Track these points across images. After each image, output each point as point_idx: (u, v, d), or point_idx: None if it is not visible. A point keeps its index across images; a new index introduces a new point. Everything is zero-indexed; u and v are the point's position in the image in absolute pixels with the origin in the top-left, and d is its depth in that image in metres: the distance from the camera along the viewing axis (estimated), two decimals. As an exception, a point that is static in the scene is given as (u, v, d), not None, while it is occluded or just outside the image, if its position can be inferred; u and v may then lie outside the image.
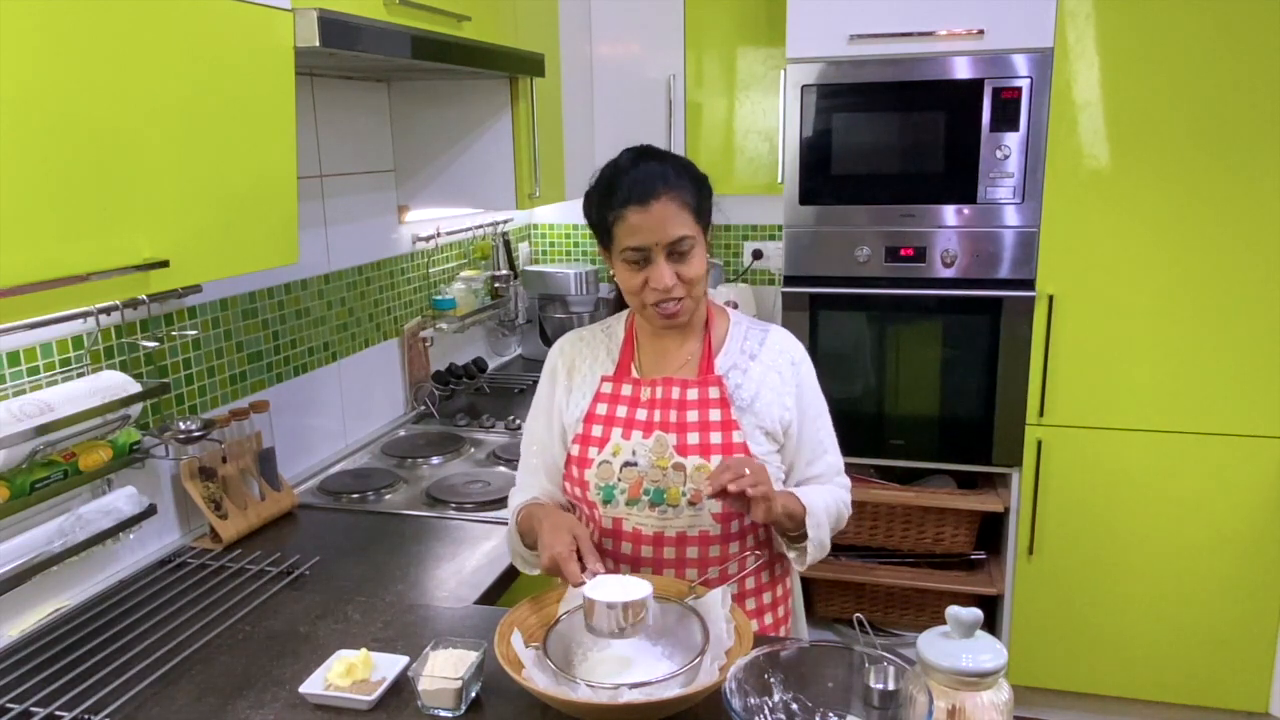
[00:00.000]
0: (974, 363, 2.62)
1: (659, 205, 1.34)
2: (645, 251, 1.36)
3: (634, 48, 2.94)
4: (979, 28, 2.45)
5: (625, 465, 1.41)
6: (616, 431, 1.43)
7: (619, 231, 1.37)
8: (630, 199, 1.35)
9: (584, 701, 1.13)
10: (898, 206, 2.60)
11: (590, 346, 1.53)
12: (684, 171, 1.39)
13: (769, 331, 1.52)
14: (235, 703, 1.27)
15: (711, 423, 1.41)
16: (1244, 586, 2.56)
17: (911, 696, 1.02)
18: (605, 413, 1.46)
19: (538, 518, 1.40)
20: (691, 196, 1.37)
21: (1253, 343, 2.45)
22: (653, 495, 1.40)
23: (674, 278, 1.36)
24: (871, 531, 2.85)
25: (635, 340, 1.51)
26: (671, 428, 1.41)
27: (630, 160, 1.39)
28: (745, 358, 1.48)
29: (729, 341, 1.49)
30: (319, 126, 2.20)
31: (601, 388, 1.48)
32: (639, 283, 1.38)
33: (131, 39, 1.22)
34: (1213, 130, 2.37)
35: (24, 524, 1.47)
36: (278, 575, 1.66)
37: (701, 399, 1.43)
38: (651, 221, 1.34)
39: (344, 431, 2.36)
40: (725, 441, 1.40)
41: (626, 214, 1.35)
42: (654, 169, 1.37)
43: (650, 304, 1.39)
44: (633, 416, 1.44)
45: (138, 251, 1.26)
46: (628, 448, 1.42)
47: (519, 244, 3.38)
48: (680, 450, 1.40)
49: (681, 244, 1.36)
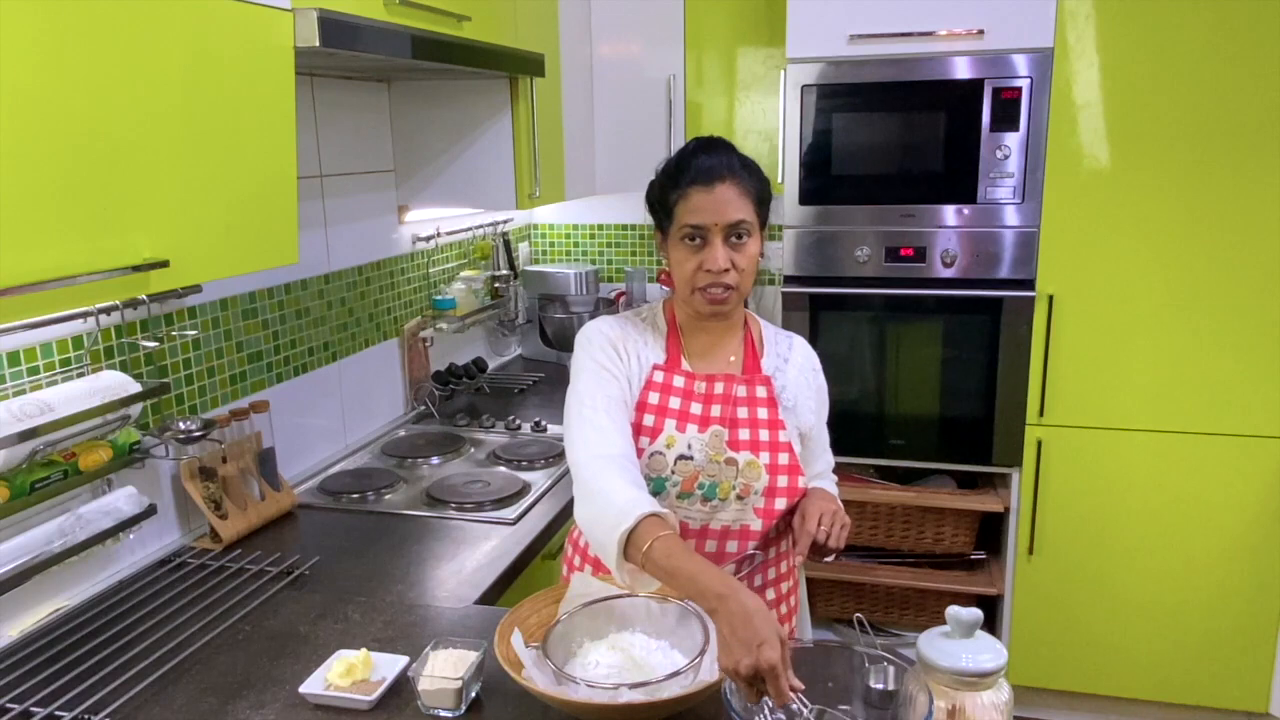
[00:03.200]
0: (974, 363, 2.62)
1: (722, 188, 1.37)
2: (703, 230, 1.38)
3: (634, 48, 2.94)
4: (979, 28, 2.45)
5: (680, 458, 1.42)
6: (670, 423, 1.43)
7: (680, 210, 1.39)
8: (696, 179, 1.39)
9: (584, 701, 1.13)
10: (898, 206, 2.60)
11: (638, 331, 1.50)
12: (750, 165, 1.43)
13: (793, 338, 1.58)
14: (235, 703, 1.27)
15: (760, 420, 1.45)
16: (1244, 586, 2.56)
17: (911, 696, 1.02)
18: (657, 402, 1.45)
19: (717, 579, 1.14)
20: (754, 188, 1.41)
21: (1253, 343, 2.45)
22: (706, 489, 1.42)
23: (728, 260, 1.38)
24: (871, 531, 2.85)
25: (679, 331, 1.50)
26: (724, 423, 1.44)
27: (700, 146, 1.43)
28: (782, 360, 1.52)
29: (767, 344, 1.53)
30: (319, 126, 2.20)
31: (654, 376, 1.46)
32: (694, 265, 1.40)
33: (131, 39, 1.22)
34: (1213, 130, 2.37)
35: (24, 524, 1.47)
36: (278, 575, 1.66)
37: (751, 396, 1.46)
38: (713, 202, 1.37)
39: (344, 431, 2.36)
40: (773, 439, 1.45)
41: (690, 193, 1.38)
42: (722, 158, 1.41)
43: (700, 287, 1.40)
44: (687, 409, 1.44)
45: (138, 251, 1.26)
46: (683, 441, 1.42)
47: (519, 244, 3.38)
48: (732, 445, 1.43)
49: (739, 227, 1.38)
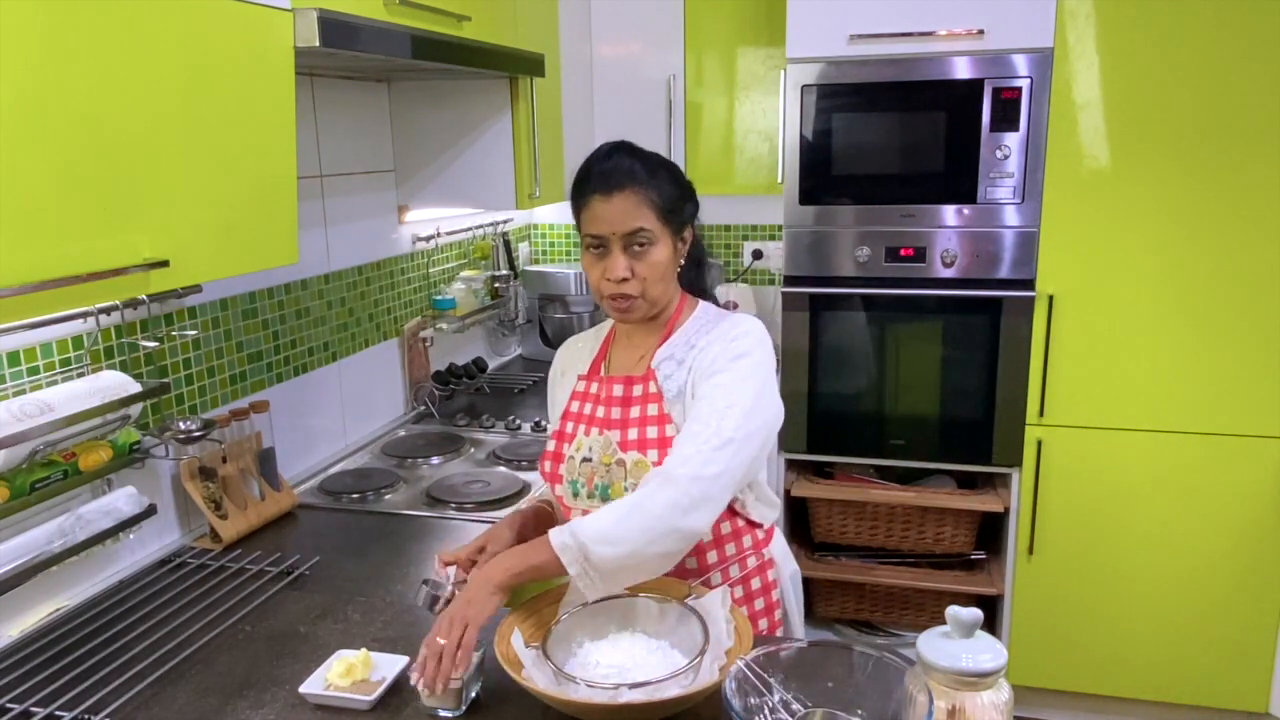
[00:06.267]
0: (974, 363, 2.62)
1: (621, 197, 1.36)
2: (603, 240, 1.38)
3: (634, 48, 2.94)
4: (979, 28, 2.45)
5: (583, 461, 1.45)
6: (580, 428, 1.47)
7: (584, 218, 1.40)
8: (596, 188, 1.38)
9: (584, 701, 1.13)
10: (898, 206, 2.60)
11: (580, 346, 1.58)
12: (658, 171, 1.40)
13: (726, 318, 1.45)
14: (235, 703, 1.27)
15: (650, 417, 1.42)
16: (1244, 586, 2.56)
17: (911, 696, 1.02)
18: (576, 410, 1.50)
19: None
20: (660, 196, 1.38)
21: (1253, 343, 2.45)
22: (600, 490, 1.43)
23: (627, 270, 1.37)
24: (871, 531, 2.85)
25: (612, 340, 1.54)
26: (615, 424, 1.43)
27: (604, 153, 1.42)
28: (686, 347, 1.43)
29: (678, 334, 1.46)
30: (319, 126, 2.20)
31: (576, 386, 1.52)
32: (598, 273, 1.40)
33: (131, 39, 1.22)
34: (1213, 130, 2.37)
35: (24, 524, 1.47)
36: (278, 575, 1.66)
37: (643, 394, 1.43)
38: (612, 211, 1.36)
39: (344, 431, 2.36)
40: (660, 436, 1.39)
41: (592, 202, 1.38)
42: (624, 163, 1.39)
43: (605, 295, 1.41)
44: (593, 413, 1.47)
45: (138, 251, 1.26)
46: (586, 444, 1.45)
47: (519, 244, 3.38)
48: (623, 446, 1.41)
49: (639, 236, 1.37)
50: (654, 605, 1.31)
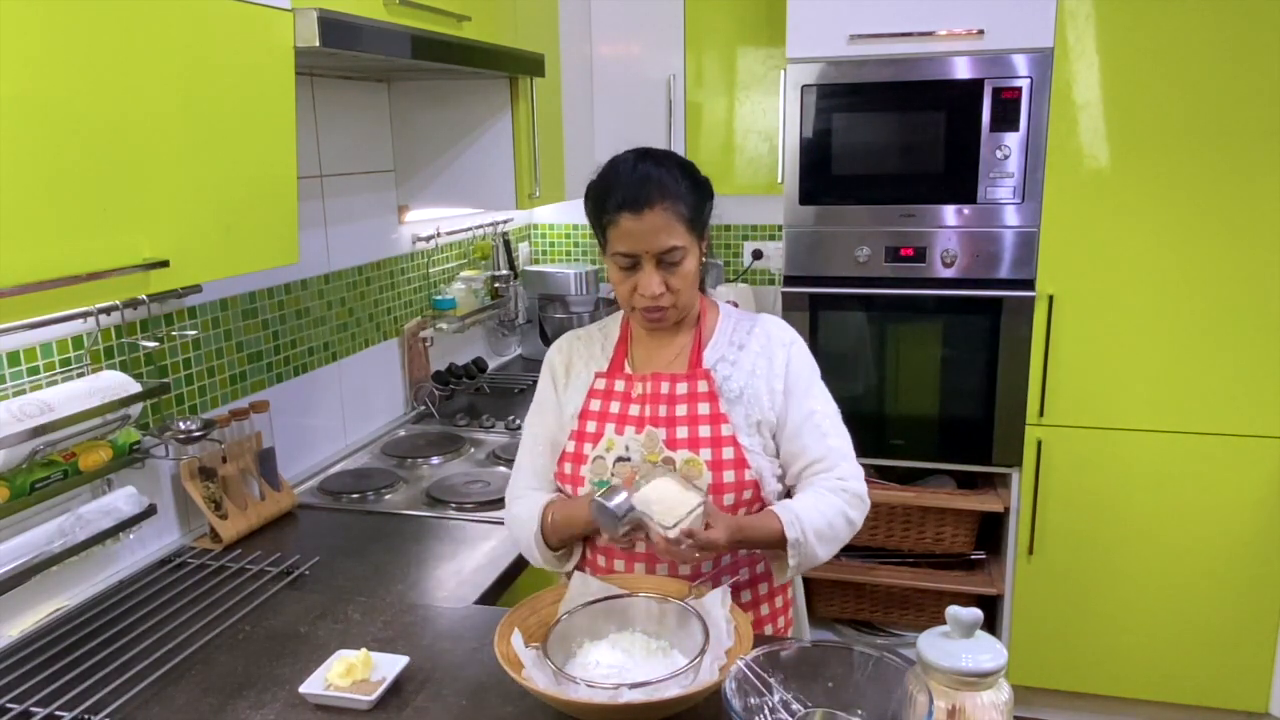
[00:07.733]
0: (974, 363, 2.62)
1: (652, 215, 1.34)
2: (635, 258, 1.37)
3: (634, 48, 2.94)
4: (979, 28, 2.45)
5: (618, 460, 1.42)
6: (610, 427, 1.45)
7: (612, 235, 1.38)
8: (624, 204, 1.35)
9: (584, 701, 1.13)
10: (898, 206, 2.60)
11: (586, 345, 1.55)
12: (683, 178, 1.39)
13: (758, 320, 1.51)
14: (235, 703, 1.27)
15: (701, 416, 1.42)
16: (1244, 586, 2.56)
17: (911, 696, 1.02)
18: (599, 409, 1.47)
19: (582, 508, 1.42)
20: (687, 206, 1.37)
21: (1253, 343, 2.45)
22: None
23: (661, 286, 1.38)
24: (871, 531, 2.85)
25: (629, 337, 1.52)
26: (661, 422, 1.42)
27: (629, 163, 1.39)
28: (734, 348, 1.47)
29: (718, 334, 1.49)
30: (319, 126, 2.20)
31: (595, 384, 1.49)
32: (629, 288, 1.40)
33: (131, 39, 1.22)
34: (1213, 130, 2.37)
35: (24, 524, 1.47)
36: (278, 575, 1.66)
37: (691, 393, 1.43)
38: (643, 230, 1.35)
39: (344, 431, 2.36)
40: (714, 434, 1.41)
41: (620, 219, 1.36)
42: (651, 173, 1.36)
43: (639, 309, 1.42)
44: (625, 412, 1.45)
45: (138, 251, 1.26)
46: (620, 443, 1.43)
47: (519, 244, 3.38)
48: (670, 444, 1.41)
49: (672, 254, 1.37)
50: (654, 605, 1.31)
